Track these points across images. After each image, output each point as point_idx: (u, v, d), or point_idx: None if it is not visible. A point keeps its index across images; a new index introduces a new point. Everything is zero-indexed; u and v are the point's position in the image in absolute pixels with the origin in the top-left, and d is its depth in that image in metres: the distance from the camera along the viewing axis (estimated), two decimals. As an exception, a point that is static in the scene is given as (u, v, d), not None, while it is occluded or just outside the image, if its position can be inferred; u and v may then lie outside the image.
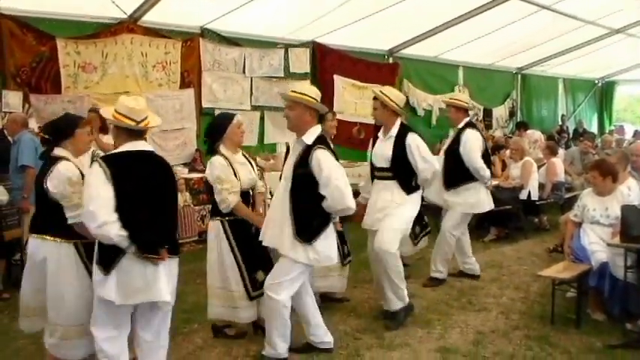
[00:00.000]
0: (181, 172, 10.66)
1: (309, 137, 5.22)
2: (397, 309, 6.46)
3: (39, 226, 4.79)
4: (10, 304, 7.25)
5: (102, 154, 7.75)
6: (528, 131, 14.98)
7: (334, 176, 5.08)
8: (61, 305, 4.69)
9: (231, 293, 5.76)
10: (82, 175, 4.68)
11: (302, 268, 5.29)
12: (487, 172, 7.77)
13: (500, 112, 18.29)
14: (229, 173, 5.66)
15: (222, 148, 5.79)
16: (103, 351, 4.50)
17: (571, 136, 19.64)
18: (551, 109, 20.77)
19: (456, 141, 7.79)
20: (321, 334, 5.68)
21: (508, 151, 11.78)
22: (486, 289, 7.68)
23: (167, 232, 4.57)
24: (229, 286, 5.76)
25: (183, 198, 10.05)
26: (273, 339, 5.37)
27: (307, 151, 5.17)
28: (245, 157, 5.99)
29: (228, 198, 5.62)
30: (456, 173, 7.76)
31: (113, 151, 4.49)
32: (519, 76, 18.97)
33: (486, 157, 8.00)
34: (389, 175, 6.57)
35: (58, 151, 4.77)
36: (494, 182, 10.57)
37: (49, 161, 4.75)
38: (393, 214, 6.43)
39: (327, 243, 5.29)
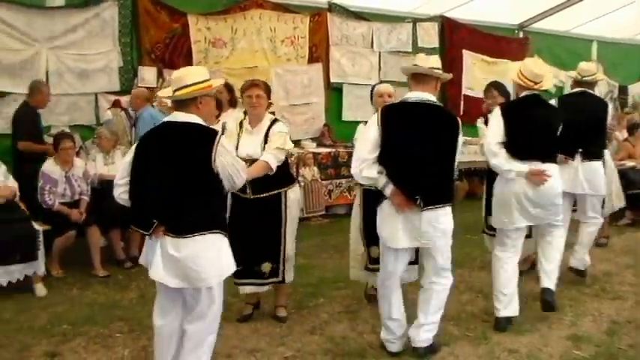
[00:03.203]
0: (309, 147, 10.61)
1: None
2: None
3: None
4: (146, 269, 7.25)
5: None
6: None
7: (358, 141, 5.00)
8: None
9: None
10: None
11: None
12: None
13: (636, 89, 17.04)
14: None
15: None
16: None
17: None
18: (696, 87, 19.30)
19: None
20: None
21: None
22: (621, 276, 6.99)
23: (160, 207, 3.99)
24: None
25: (311, 172, 9.94)
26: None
27: None
28: None
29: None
30: None
31: None
32: (659, 51, 17.68)
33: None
34: None
35: None
36: (631, 163, 9.86)
37: None
38: None
39: (382, 218, 4.79)
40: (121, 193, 4.08)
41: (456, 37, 12.68)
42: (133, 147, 4.15)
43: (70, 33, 8.75)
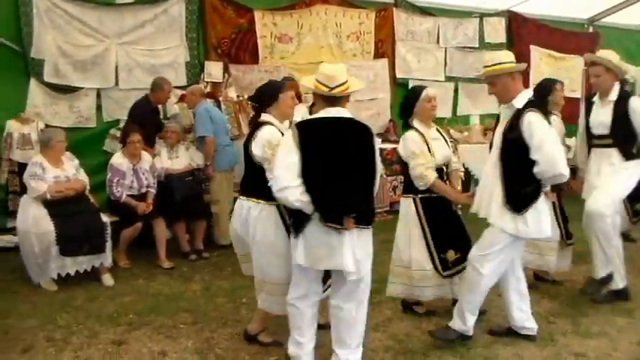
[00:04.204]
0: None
1: (520, 101, 4.70)
2: (602, 276, 5.97)
3: (246, 189, 4.83)
4: (210, 262, 7.48)
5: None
6: None
7: (547, 140, 4.53)
8: (266, 264, 4.69)
9: (411, 272, 5.41)
10: None
11: (509, 240, 4.74)
12: None
13: None
14: (424, 148, 5.25)
15: (415, 123, 5.39)
16: (293, 305, 4.46)
17: None
18: None
19: None
20: (523, 318, 5.12)
21: None
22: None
23: (355, 201, 4.20)
24: (411, 265, 5.40)
25: (377, 168, 9.83)
26: (465, 313, 4.92)
27: (518, 115, 4.66)
28: (439, 132, 5.56)
29: (426, 174, 5.18)
30: None
31: (309, 117, 4.24)
32: None
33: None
34: (608, 142, 5.92)
35: (263, 117, 4.76)
36: None
37: (255, 127, 4.75)
38: (611, 179, 5.83)
39: (539, 214, 4.70)
40: (300, 194, 4.09)
41: (524, 33, 12.33)
42: (290, 145, 4.14)
43: (139, 29, 8.84)
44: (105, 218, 6.74)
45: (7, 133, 7.70)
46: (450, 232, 5.36)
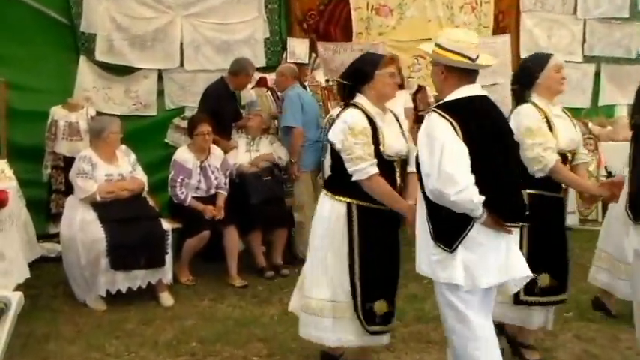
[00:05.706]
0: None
1: None
2: None
3: (328, 184, 4.81)
4: (290, 280, 7.05)
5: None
6: None
7: None
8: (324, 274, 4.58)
9: None
10: (375, 125, 4.50)
11: None
12: None
13: None
14: (542, 125, 4.81)
15: (534, 98, 4.94)
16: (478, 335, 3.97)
17: None
18: None
19: None
20: None
21: None
22: None
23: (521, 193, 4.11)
24: None
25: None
26: None
27: None
28: (565, 112, 5.12)
29: (544, 155, 4.71)
30: None
31: (449, 99, 3.95)
32: None
33: None
34: None
35: (357, 98, 4.60)
36: None
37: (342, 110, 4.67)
38: None
39: None
40: (478, 195, 3.83)
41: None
42: (452, 136, 3.84)
43: (209, -2, 8.86)
44: (166, 225, 6.72)
45: (52, 121, 7.75)
46: (551, 251, 4.97)
